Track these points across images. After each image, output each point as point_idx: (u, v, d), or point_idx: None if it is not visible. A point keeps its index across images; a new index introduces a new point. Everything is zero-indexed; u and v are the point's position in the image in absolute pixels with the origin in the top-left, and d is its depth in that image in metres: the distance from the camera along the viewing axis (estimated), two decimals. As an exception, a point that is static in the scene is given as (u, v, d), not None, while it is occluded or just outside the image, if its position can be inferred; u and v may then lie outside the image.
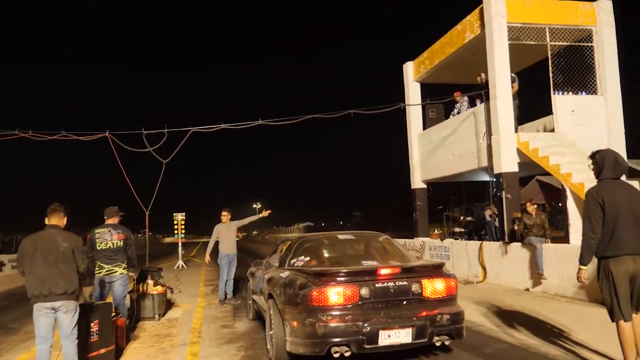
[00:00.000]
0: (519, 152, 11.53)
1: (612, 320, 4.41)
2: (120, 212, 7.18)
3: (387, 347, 4.73)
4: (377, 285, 4.84)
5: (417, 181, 16.25)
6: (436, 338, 4.88)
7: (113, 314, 6.01)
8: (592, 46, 12.33)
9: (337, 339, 4.62)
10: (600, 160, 4.55)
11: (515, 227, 10.02)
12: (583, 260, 4.46)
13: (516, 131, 11.91)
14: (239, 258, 10.35)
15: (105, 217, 7.03)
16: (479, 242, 11.88)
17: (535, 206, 9.61)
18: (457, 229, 17.16)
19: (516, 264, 10.00)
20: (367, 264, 5.56)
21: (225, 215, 10.10)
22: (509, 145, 11.55)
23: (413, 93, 16.50)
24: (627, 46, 13.71)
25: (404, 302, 4.91)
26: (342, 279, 4.85)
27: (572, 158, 10.38)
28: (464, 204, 18.69)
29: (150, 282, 8.33)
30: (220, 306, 9.54)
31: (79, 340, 4.82)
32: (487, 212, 14.25)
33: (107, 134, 10.21)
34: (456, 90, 14.49)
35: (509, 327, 6.64)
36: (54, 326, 4.75)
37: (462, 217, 17.66)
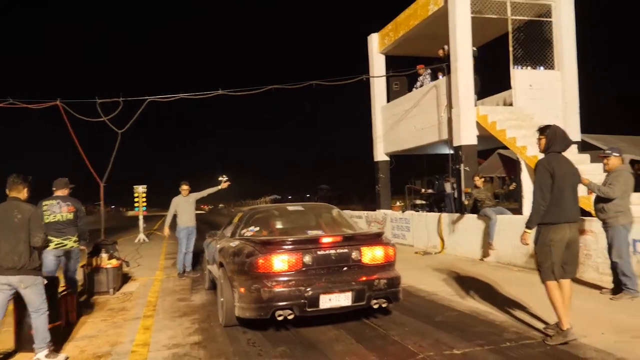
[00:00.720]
0: (478, 125, 11.68)
1: (543, 281, 4.73)
2: (71, 184, 6.95)
3: (328, 309, 5.11)
4: (319, 252, 5.21)
5: (380, 153, 16.33)
6: (374, 301, 5.29)
7: (62, 288, 5.87)
8: (551, 21, 12.47)
9: (281, 303, 4.98)
10: (551, 135, 4.80)
11: (466, 202, 10.22)
12: (530, 225, 4.73)
13: (476, 105, 12.03)
14: (202, 230, 10.20)
15: (54, 189, 6.80)
16: (437, 214, 12.07)
17: (482, 179, 9.83)
18: (418, 202, 17.40)
19: (472, 235, 10.22)
20: (313, 233, 5.84)
21: (184, 189, 9.91)
22: (469, 119, 11.68)
23: (377, 65, 16.43)
24: (585, 21, 13.91)
25: (344, 268, 5.30)
26: (287, 247, 5.19)
27: (528, 132, 10.56)
28: (426, 177, 18.88)
29: (104, 255, 8.15)
30: (179, 279, 9.45)
31: (36, 314, 4.65)
32: (448, 185, 14.48)
33: (57, 102, 9.82)
34: (419, 63, 14.48)
35: (462, 296, 6.80)
36: (7, 303, 4.66)
37: (423, 190, 17.87)
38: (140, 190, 19.86)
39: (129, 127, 10.47)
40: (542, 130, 4.92)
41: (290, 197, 75.05)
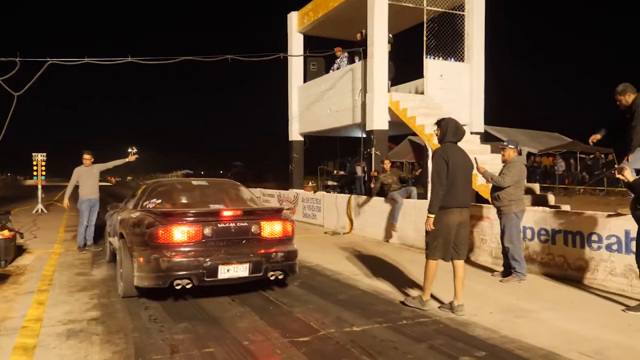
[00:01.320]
0: (390, 111, 12.05)
1: (427, 258, 5.21)
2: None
3: (226, 280, 5.34)
4: (219, 225, 5.41)
5: (295, 133, 16.40)
6: (271, 273, 5.60)
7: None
8: (463, 15, 13.05)
9: (180, 273, 5.15)
10: (445, 126, 5.22)
11: (372, 185, 10.57)
12: (432, 210, 5.06)
13: (389, 91, 12.39)
14: (106, 203, 9.73)
15: None
16: (347, 196, 12.39)
17: (390, 164, 10.22)
18: (330, 183, 17.75)
19: (379, 217, 10.62)
20: (214, 207, 6.01)
21: (87, 158, 9.39)
22: (382, 104, 12.01)
23: (296, 44, 16.38)
24: (498, 16, 14.68)
25: (244, 241, 5.55)
26: (187, 219, 5.35)
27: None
28: (338, 159, 19.27)
29: (-5, 226, 7.59)
30: (79, 253, 9.02)
31: None
32: (358, 168, 14.87)
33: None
34: (337, 45, 14.61)
35: (365, 275, 7.08)
36: None
37: (335, 171, 18.26)
38: (39, 158, 18.55)
39: (28, 91, 9.68)
40: (438, 122, 5.36)
41: (202, 172, 73.50)
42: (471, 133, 11.89)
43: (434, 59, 12.71)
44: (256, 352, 4.12)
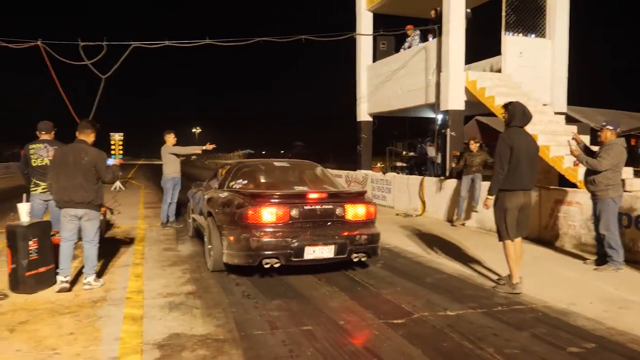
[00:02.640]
0: (467, 90, 11.68)
1: (500, 240, 5.35)
2: (55, 128, 6.74)
3: (311, 260, 5.48)
4: (305, 207, 5.53)
5: (363, 114, 16.26)
6: (354, 255, 5.67)
7: (53, 232, 5.76)
8: (546, -12, 12.39)
9: (268, 252, 5.33)
10: (512, 111, 5.31)
11: (453, 165, 10.25)
12: (491, 191, 5.32)
13: (465, 70, 12.00)
14: (184, 184, 10.05)
15: (42, 133, 6.59)
16: (420, 177, 12.20)
17: (478, 144, 9.86)
18: (399, 164, 17.52)
19: (454, 199, 10.38)
20: (299, 189, 6.22)
21: (172, 138, 9.61)
22: (457, 83, 11.67)
23: (365, 23, 16.13)
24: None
25: (329, 223, 5.65)
26: (275, 200, 5.51)
27: (517, 99, 10.54)
28: (407, 139, 18.98)
29: (88, 202, 7.99)
30: (163, 229, 9.39)
31: (89, 245, 5.29)
32: (430, 148, 14.59)
33: (38, 43, 9.37)
34: (409, 23, 14.29)
35: (448, 259, 6.96)
36: (77, 231, 5.27)
37: (404, 152, 17.98)
38: (117, 137, 19.42)
39: (113, 74, 10.10)
40: (505, 106, 5.45)
41: (264, 152, 74.66)
42: (555, 113, 11.36)
43: (513, 35, 12.19)
44: (354, 332, 4.15)
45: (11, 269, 5.01)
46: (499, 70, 12.29)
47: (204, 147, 9.95)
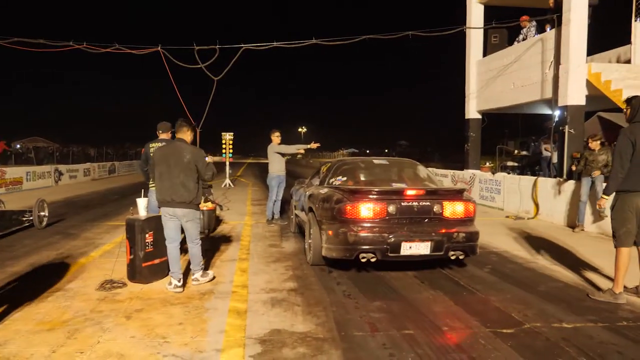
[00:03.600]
0: (589, 84, 10.73)
1: (616, 246, 4.93)
2: (172, 128, 7.16)
3: (407, 256, 5.48)
4: (402, 203, 5.54)
5: (472, 111, 15.58)
6: (451, 253, 5.60)
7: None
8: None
9: (365, 247, 5.41)
10: (637, 105, 4.88)
11: (574, 168, 9.38)
12: (608, 191, 4.95)
13: (587, 62, 11.04)
14: (288, 182, 10.27)
15: (160, 132, 7.04)
16: (533, 178, 11.43)
17: (599, 142, 8.97)
18: (510, 163, 16.55)
19: (572, 202, 9.59)
20: (397, 186, 6.20)
21: (277, 136, 9.87)
22: (578, 76, 10.75)
23: (475, 16, 15.42)
24: None
25: (426, 220, 5.62)
26: (373, 196, 5.55)
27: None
28: (519, 138, 17.88)
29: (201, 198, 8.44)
30: (268, 225, 9.67)
31: (192, 244, 5.36)
32: (544, 147, 13.64)
33: (159, 49, 10.08)
34: (523, 14, 13.43)
35: (563, 266, 6.41)
36: (179, 229, 5.30)
37: (516, 151, 16.95)
38: (227, 137, 20.37)
39: (225, 76, 10.60)
40: (628, 100, 5.01)
41: (368, 151, 74.70)
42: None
43: (644, 21, 11.00)
44: (459, 340, 3.94)
45: (129, 260, 5.39)
46: (628, 61, 11.15)
47: (309, 146, 10.13)
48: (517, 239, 8.32)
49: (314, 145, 10.15)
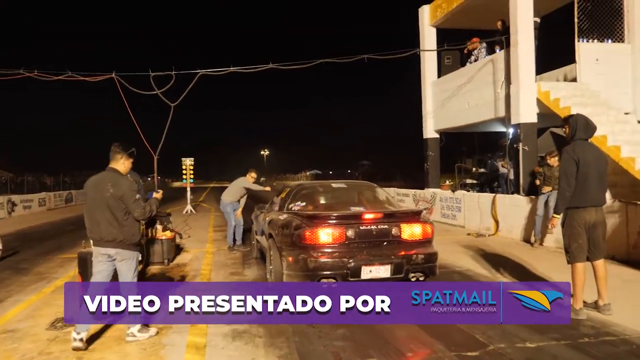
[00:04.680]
0: (539, 102, 11.10)
1: (569, 262, 5.08)
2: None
3: (368, 280, 5.47)
4: (361, 227, 5.60)
5: (430, 131, 15.86)
6: (411, 274, 5.64)
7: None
8: (622, -12, 11.63)
9: (326, 272, 5.41)
10: (574, 123, 5.06)
11: (537, 182, 9.56)
12: (558, 210, 5.09)
13: (536, 81, 11.42)
14: (247, 204, 10.22)
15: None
16: (492, 195, 11.65)
17: (556, 158, 9.23)
18: (469, 181, 16.87)
19: (530, 218, 9.80)
20: (355, 209, 6.23)
21: (253, 176, 9.90)
22: (529, 95, 11.11)
23: (429, 38, 15.83)
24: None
25: (385, 243, 5.67)
26: (332, 221, 5.59)
27: (596, 109, 9.97)
28: (477, 155, 18.30)
29: (159, 227, 8.23)
30: (230, 252, 9.49)
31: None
32: (501, 164, 13.97)
33: (113, 75, 9.88)
34: (474, 36, 13.85)
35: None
36: (110, 274, 4.58)
37: (474, 169, 17.32)
38: (188, 162, 20.10)
39: (182, 101, 10.46)
40: (566, 119, 5.22)
41: (331, 172, 74.98)
42: (638, 122, 10.55)
43: (587, 41, 11.49)
44: (423, 366, 3.89)
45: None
46: (574, 80, 11.59)
47: (264, 189, 10.30)
48: (478, 257, 8.41)
49: (267, 189, 10.42)
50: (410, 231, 5.78)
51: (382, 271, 5.49)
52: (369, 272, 5.45)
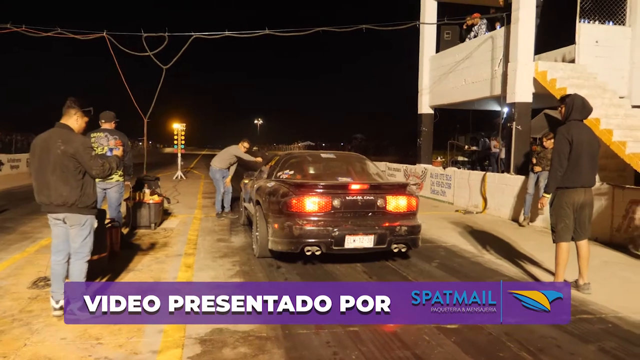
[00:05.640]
0: (535, 82, 11.01)
1: (554, 241, 5.11)
2: (117, 118, 6.86)
3: (352, 249, 5.61)
4: (347, 197, 5.68)
5: (425, 106, 15.75)
6: (394, 245, 5.77)
7: (107, 221, 5.88)
8: (627, -31, 11.45)
9: (310, 240, 5.52)
10: (570, 103, 5.02)
11: (534, 161, 9.44)
12: (548, 189, 5.09)
13: (534, 60, 11.31)
14: (238, 172, 10.17)
15: (102, 122, 6.71)
16: (482, 173, 11.67)
17: (552, 140, 9.15)
18: (460, 158, 16.89)
19: (519, 197, 9.83)
20: (342, 180, 6.27)
21: (245, 146, 9.75)
22: (526, 74, 11.00)
23: (429, 12, 15.49)
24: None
25: (369, 214, 5.77)
26: (318, 190, 5.69)
27: (591, 92, 9.90)
28: (470, 133, 18.27)
29: (147, 190, 8.16)
30: (218, 219, 9.47)
31: (73, 257, 4.22)
32: (493, 143, 13.96)
33: (104, 34, 9.65)
34: (475, 11, 13.65)
35: (508, 261, 6.52)
36: (68, 238, 4.22)
37: (466, 147, 17.30)
38: (179, 128, 19.91)
39: (174, 64, 10.27)
40: (562, 99, 5.18)
41: (324, 144, 74.86)
42: (632, 107, 10.51)
43: (588, 22, 11.36)
44: (403, 336, 3.92)
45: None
46: (572, 61, 11.49)
47: (255, 159, 9.94)
48: (465, 234, 8.46)
49: (259, 159, 9.97)
50: (396, 203, 5.86)
51: (366, 241, 5.59)
52: (352, 242, 5.55)
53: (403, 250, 5.96)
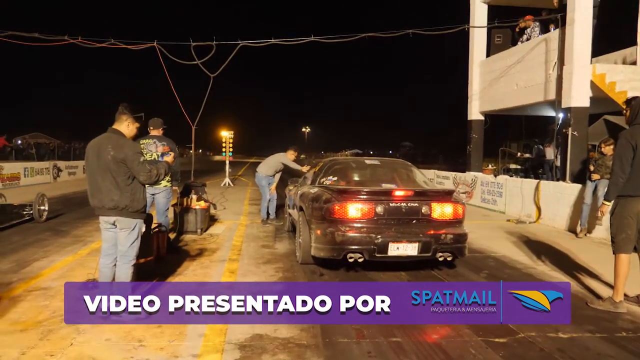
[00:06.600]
0: (593, 85, 10.51)
1: (614, 253, 4.77)
2: (164, 125, 7.00)
3: (395, 257, 5.47)
4: (391, 204, 5.56)
5: (475, 112, 15.37)
6: (439, 254, 5.58)
7: (154, 225, 5.97)
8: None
9: (353, 247, 5.42)
10: (636, 106, 4.73)
11: (591, 168, 8.98)
12: (609, 197, 4.79)
13: (591, 62, 10.82)
14: (284, 179, 10.17)
15: (151, 128, 6.86)
16: (536, 181, 11.21)
17: (612, 147, 8.65)
18: (512, 166, 16.31)
19: (576, 207, 9.36)
20: (385, 186, 6.15)
21: (292, 154, 9.76)
22: (583, 77, 10.53)
23: (479, 15, 15.20)
24: None
25: (414, 221, 5.63)
26: (361, 196, 5.59)
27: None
28: (523, 140, 17.66)
29: (194, 196, 8.30)
30: (263, 225, 9.50)
31: (120, 261, 4.34)
32: (549, 150, 13.41)
33: (154, 44, 9.93)
34: (528, 13, 13.22)
35: (565, 273, 6.18)
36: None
37: (519, 154, 16.69)
38: (227, 136, 20.24)
39: (221, 72, 10.43)
40: (628, 101, 4.91)
41: (371, 152, 74.44)
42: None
43: (651, 22, 10.77)
44: (447, 349, 3.75)
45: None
46: (634, 63, 10.93)
47: (301, 168, 9.77)
48: (517, 244, 8.11)
49: (305, 169, 9.84)
50: (441, 210, 5.69)
51: (410, 249, 5.44)
52: (396, 249, 5.42)
53: (449, 259, 5.75)
